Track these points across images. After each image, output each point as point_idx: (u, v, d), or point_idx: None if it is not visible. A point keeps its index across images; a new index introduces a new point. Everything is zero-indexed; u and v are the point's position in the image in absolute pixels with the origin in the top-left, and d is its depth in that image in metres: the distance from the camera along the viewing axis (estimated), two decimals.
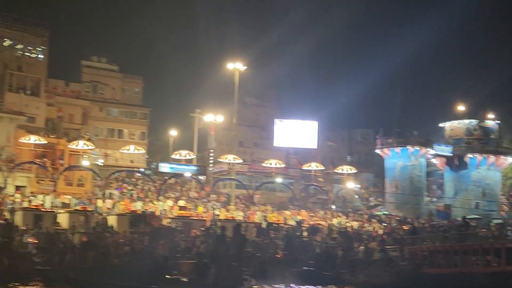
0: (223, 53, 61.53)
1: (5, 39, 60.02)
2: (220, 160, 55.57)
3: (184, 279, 18.83)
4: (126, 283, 18.21)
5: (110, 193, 45.23)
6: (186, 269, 26.75)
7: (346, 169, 55.30)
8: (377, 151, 64.22)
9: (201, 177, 54.58)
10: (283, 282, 26.12)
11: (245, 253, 19.82)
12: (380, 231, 43.75)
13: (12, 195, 40.13)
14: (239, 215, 42.55)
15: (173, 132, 66.67)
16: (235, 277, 17.22)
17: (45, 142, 46.89)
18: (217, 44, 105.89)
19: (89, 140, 51.63)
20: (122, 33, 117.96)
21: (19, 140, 46.98)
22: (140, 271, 19.22)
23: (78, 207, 38.45)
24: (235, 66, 50.17)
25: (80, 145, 46.98)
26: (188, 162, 51.56)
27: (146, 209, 39.97)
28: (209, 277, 17.20)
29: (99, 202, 40.61)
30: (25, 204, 38.26)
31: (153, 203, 42.35)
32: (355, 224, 45.48)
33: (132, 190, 51.50)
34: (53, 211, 37.97)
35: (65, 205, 39.36)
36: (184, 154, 50.36)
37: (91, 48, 73.37)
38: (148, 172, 61.78)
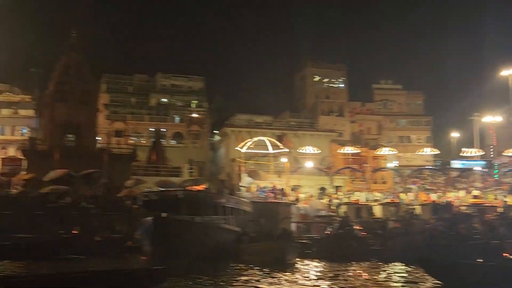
0: (499, 58, 57.73)
1: (314, 76, 63.79)
2: (504, 154, 51.98)
3: None
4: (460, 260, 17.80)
5: (409, 187, 45.10)
6: None
7: None
8: None
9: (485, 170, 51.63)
10: None
11: None
12: None
13: (335, 194, 42.16)
14: None
15: (455, 134, 64.01)
16: None
17: (359, 151, 48.66)
18: (492, 50, 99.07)
19: (385, 146, 52.27)
20: (403, 57, 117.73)
21: (337, 151, 49.37)
22: (472, 250, 18.77)
23: (387, 200, 38.90)
24: (510, 72, 46.61)
25: (386, 151, 47.80)
26: (472, 158, 49.32)
27: (443, 199, 39.06)
28: None
29: (402, 195, 40.72)
30: (345, 200, 39.84)
31: (445, 194, 41.32)
32: None
33: (423, 184, 50.74)
34: (368, 204, 39.02)
35: (376, 199, 40.26)
36: (473, 151, 48.14)
37: (379, 73, 74.44)
38: (435, 168, 60.23)
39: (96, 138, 44.85)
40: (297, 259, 22.59)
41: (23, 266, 18.91)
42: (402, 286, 15.84)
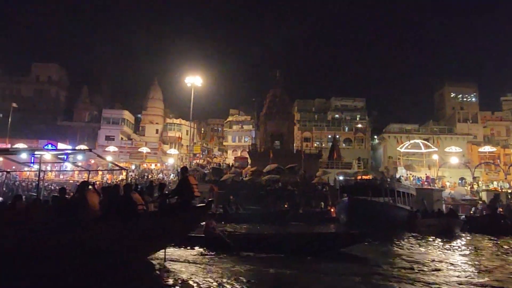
0: None
1: (451, 93, 57.75)
2: None
3: None
4: None
5: None
6: None
7: None
8: None
9: None
10: None
11: None
12: None
13: (475, 183, 37.46)
14: None
15: None
16: None
17: (495, 149, 42.87)
18: None
19: None
20: None
21: (478, 150, 44.12)
22: None
23: None
24: None
25: None
26: None
27: None
28: None
29: None
30: (484, 187, 35.18)
31: None
32: None
33: None
34: (507, 191, 33.93)
35: (510, 187, 34.88)
36: None
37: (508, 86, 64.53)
38: None
39: (293, 143, 45.66)
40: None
41: (260, 227, 19.60)
42: None
